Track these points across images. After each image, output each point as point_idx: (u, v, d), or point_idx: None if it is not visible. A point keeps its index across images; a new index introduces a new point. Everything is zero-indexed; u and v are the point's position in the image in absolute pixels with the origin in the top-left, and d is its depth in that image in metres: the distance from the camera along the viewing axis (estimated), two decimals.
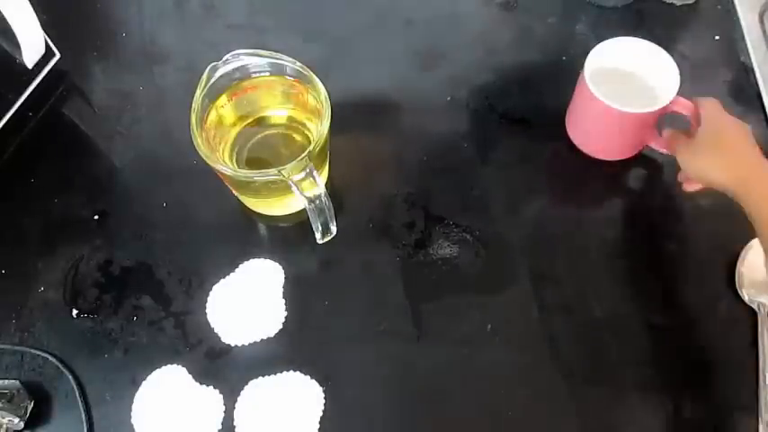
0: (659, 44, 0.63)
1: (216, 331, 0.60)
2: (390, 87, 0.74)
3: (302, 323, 0.61)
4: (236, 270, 0.63)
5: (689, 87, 0.73)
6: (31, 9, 0.66)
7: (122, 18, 0.80)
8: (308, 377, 0.58)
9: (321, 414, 0.57)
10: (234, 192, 0.64)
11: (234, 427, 0.56)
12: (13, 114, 0.71)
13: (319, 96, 0.59)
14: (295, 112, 0.65)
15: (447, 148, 0.70)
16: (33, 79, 0.72)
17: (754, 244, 0.62)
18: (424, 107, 0.72)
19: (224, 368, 0.59)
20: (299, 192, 0.55)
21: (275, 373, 0.58)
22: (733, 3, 0.78)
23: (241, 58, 0.60)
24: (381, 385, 0.58)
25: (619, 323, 0.60)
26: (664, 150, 0.65)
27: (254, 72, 0.61)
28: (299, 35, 0.77)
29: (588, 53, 0.62)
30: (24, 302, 0.62)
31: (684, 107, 0.61)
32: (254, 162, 0.64)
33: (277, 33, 0.78)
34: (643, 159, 0.68)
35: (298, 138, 0.64)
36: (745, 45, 0.75)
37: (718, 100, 0.60)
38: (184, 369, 0.59)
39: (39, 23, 0.68)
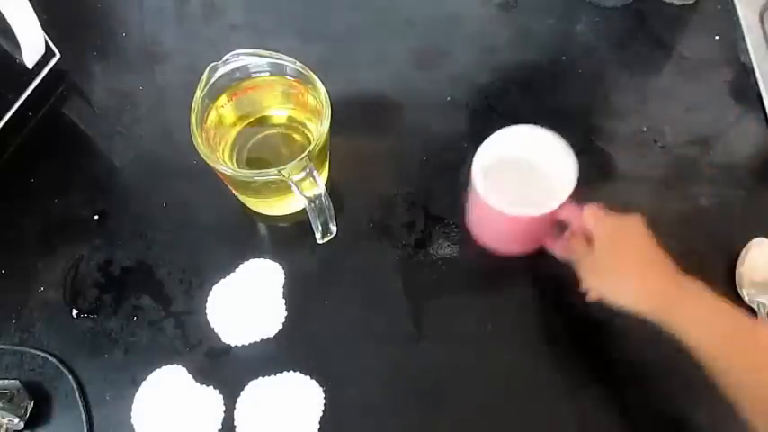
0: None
1: (216, 331, 0.60)
2: (390, 87, 0.74)
3: (302, 323, 0.61)
4: (236, 270, 0.63)
5: (689, 87, 0.73)
6: (31, 9, 0.66)
7: (122, 18, 0.80)
8: (308, 377, 0.58)
9: (321, 414, 0.57)
10: (234, 192, 0.64)
11: (234, 427, 0.56)
12: (13, 114, 0.71)
13: (319, 96, 0.59)
14: (295, 112, 0.65)
15: (447, 148, 0.70)
16: (33, 79, 0.72)
17: (754, 244, 0.62)
18: (423, 107, 0.73)
19: (224, 368, 0.59)
20: (299, 192, 0.55)
21: (275, 374, 0.58)
22: (733, 3, 0.78)
23: (241, 58, 0.60)
24: (381, 385, 0.58)
25: (619, 323, 0.60)
26: (559, 255, 0.58)
27: (254, 72, 0.61)
28: (299, 35, 0.77)
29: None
30: (24, 302, 0.62)
31: (572, 215, 0.55)
32: (254, 162, 0.64)
33: (277, 33, 0.78)
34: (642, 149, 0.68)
35: (298, 138, 0.64)
36: (745, 45, 0.75)
37: (597, 208, 0.54)
38: (184, 369, 0.59)
39: (39, 23, 0.68)
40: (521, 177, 0.60)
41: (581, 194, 0.67)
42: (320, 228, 0.58)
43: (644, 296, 0.49)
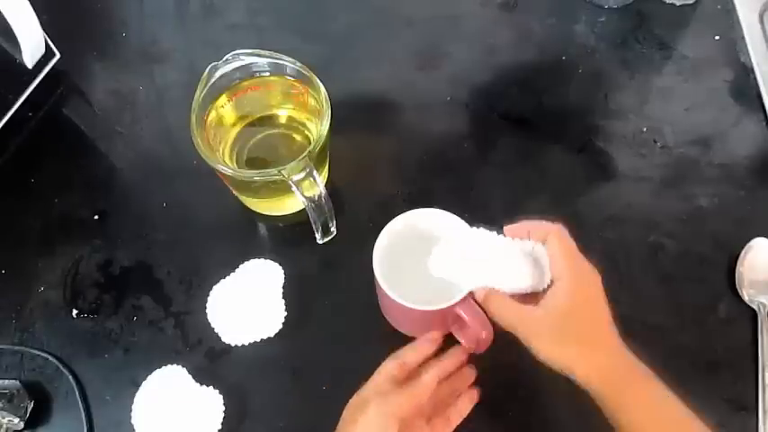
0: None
1: (216, 331, 0.60)
2: (390, 87, 0.74)
3: (302, 323, 0.61)
4: (236, 270, 0.63)
5: (689, 87, 0.73)
6: (31, 9, 0.66)
7: (122, 18, 0.80)
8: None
9: None
10: (234, 192, 0.64)
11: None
12: (13, 114, 0.71)
13: (319, 96, 0.59)
14: (295, 112, 0.65)
15: (447, 148, 0.70)
16: (33, 79, 0.72)
17: (754, 244, 0.62)
18: (423, 107, 0.73)
19: (224, 368, 0.59)
20: (299, 192, 0.55)
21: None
22: (733, 3, 0.78)
23: (241, 58, 0.60)
24: None
25: (619, 323, 0.60)
26: (465, 343, 0.54)
27: (255, 72, 0.61)
28: (299, 35, 0.77)
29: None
30: (24, 302, 0.62)
31: (470, 313, 0.50)
32: (254, 162, 0.64)
33: (277, 33, 0.78)
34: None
35: (298, 138, 0.64)
36: (745, 45, 0.75)
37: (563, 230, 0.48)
38: (184, 369, 0.58)
39: (39, 23, 0.67)
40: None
41: (580, 195, 0.67)
42: (320, 228, 0.58)
43: (596, 368, 0.44)
